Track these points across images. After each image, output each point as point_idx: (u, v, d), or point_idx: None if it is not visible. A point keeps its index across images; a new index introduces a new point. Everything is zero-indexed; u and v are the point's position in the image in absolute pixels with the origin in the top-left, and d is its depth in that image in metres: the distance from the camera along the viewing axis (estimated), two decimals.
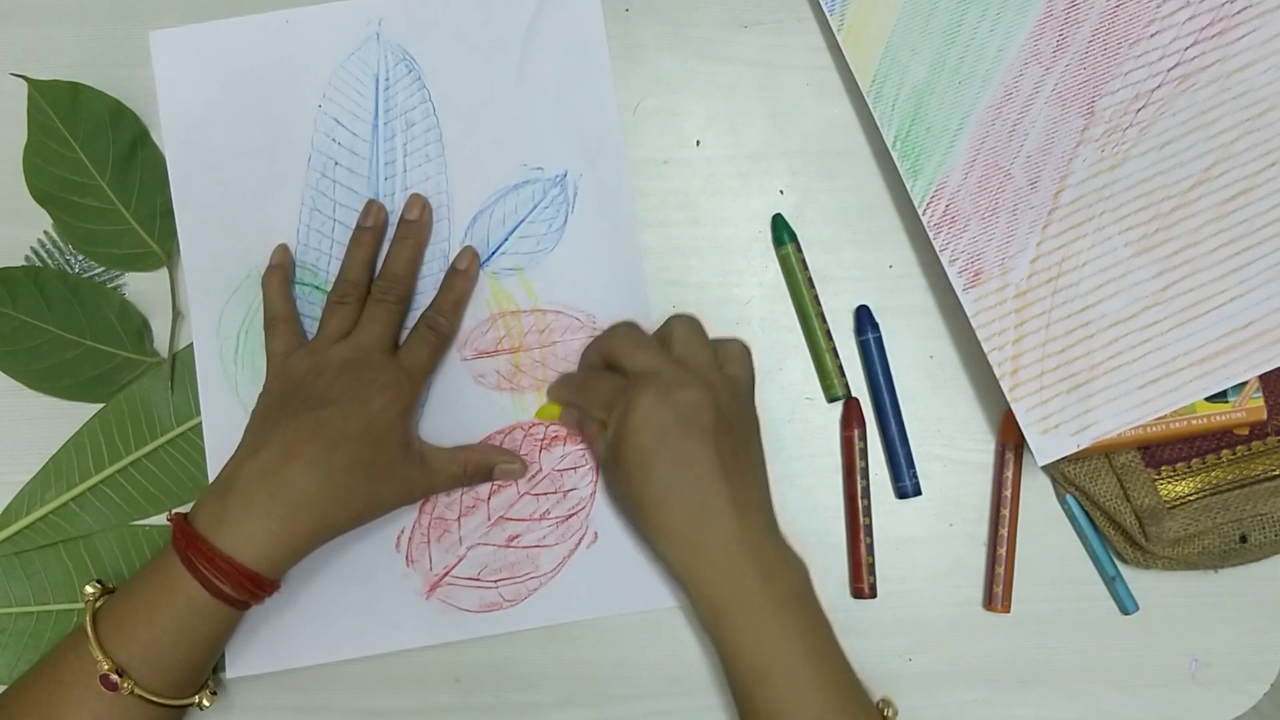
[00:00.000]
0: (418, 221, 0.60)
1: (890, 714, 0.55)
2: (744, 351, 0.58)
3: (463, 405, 0.61)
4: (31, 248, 0.61)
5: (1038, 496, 0.61)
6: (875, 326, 0.61)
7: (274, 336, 0.58)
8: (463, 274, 0.60)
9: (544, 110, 0.61)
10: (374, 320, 0.58)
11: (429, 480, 0.58)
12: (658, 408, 0.53)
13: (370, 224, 0.60)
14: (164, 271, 0.61)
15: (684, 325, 0.57)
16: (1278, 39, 0.56)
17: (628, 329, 0.58)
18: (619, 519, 0.60)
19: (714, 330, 0.61)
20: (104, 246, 0.60)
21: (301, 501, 0.53)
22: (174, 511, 0.54)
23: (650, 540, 0.55)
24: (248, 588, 0.52)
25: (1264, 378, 0.58)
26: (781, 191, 0.62)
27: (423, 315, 0.59)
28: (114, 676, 0.51)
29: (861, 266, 0.62)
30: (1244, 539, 0.58)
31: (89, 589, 0.54)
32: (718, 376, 0.55)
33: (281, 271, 0.60)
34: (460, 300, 0.60)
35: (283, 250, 0.60)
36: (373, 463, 0.55)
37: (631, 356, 0.56)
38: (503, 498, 0.60)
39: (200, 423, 0.60)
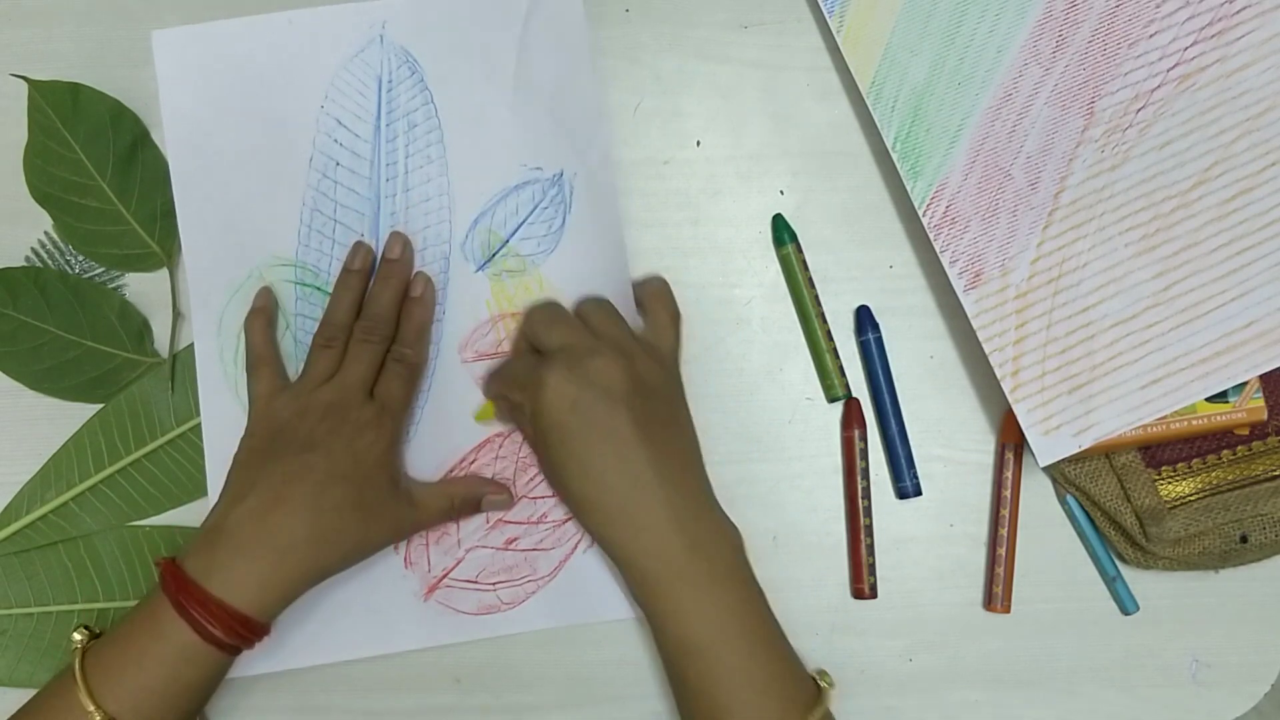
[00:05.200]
0: (399, 260, 0.59)
1: (826, 683, 0.53)
2: (671, 318, 0.58)
3: (464, 408, 0.60)
4: (32, 248, 0.61)
5: (1038, 497, 0.61)
6: (875, 327, 0.61)
7: (257, 380, 0.58)
8: (418, 301, 0.59)
9: (540, 110, 0.61)
10: (357, 361, 0.57)
11: (417, 517, 0.57)
12: (567, 379, 0.52)
13: (357, 267, 0.59)
14: (164, 272, 0.61)
15: (593, 301, 0.57)
16: (1277, 39, 0.56)
17: (543, 307, 0.58)
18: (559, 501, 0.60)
19: (715, 331, 0.62)
20: (104, 247, 0.60)
21: (291, 545, 0.53)
22: (162, 557, 0.54)
23: (577, 515, 0.55)
24: (240, 632, 0.52)
25: (1264, 378, 0.58)
26: (782, 192, 0.62)
27: (390, 350, 0.58)
28: None
29: (862, 267, 0.62)
30: (1244, 539, 0.58)
31: (76, 635, 0.53)
32: (632, 344, 0.55)
33: (264, 315, 0.59)
34: (422, 328, 0.59)
35: (265, 293, 0.60)
36: (360, 502, 0.55)
37: (547, 334, 0.56)
38: None
39: (200, 423, 0.60)
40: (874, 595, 0.60)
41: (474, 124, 0.61)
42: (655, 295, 0.59)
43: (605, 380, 0.53)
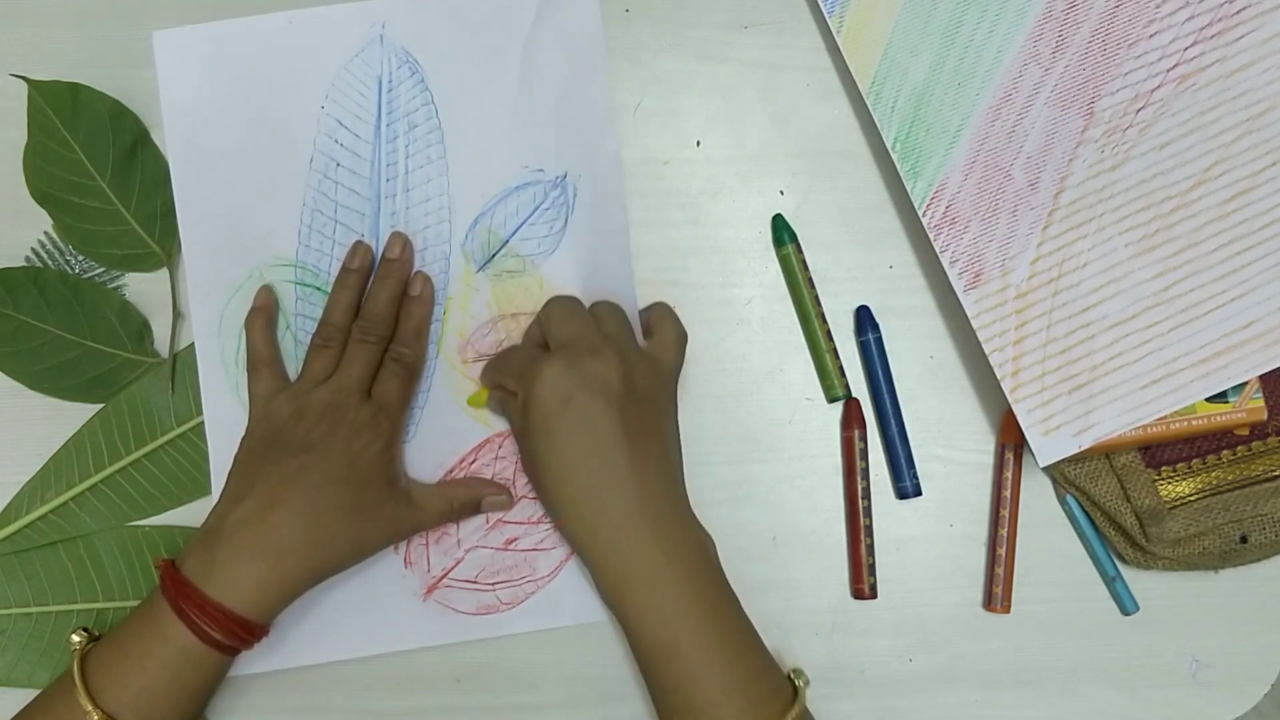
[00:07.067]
0: (398, 259, 0.59)
1: (801, 683, 0.54)
2: (676, 337, 0.58)
3: (464, 408, 0.60)
4: (31, 248, 0.61)
5: (1038, 497, 0.61)
6: (875, 327, 0.61)
7: (257, 380, 0.58)
8: (418, 300, 0.59)
9: (544, 112, 0.61)
10: (354, 361, 0.57)
11: (415, 518, 0.57)
12: (565, 374, 0.53)
13: (356, 266, 0.59)
14: (164, 272, 0.61)
15: (606, 305, 0.57)
16: (1277, 39, 0.56)
17: (561, 302, 0.57)
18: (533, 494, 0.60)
19: (715, 331, 0.62)
20: (104, 247, 0.60)
21: (289, 547, 0.53)
22: (162, 559, 0.54)
23: (553, 512, 0.55)
24: (238, 634, 0.52)
25: (1264, 378, 0.58)
26: (781, 192, 0.62)
27: (388, 349, 0.58)
28: None
29: (862, 267, 0.62)
30: (1244, 539, 0.58)
31: (75, 637, 0.54)
32: (635, 350, 0.55)
33: (265, 314, 0.59)
34: (420, 327, 0.59)
35: (265, 292, 0.60)
36: (358, 504, 0.55)
37: (559, 325, 0.56)
38: None
39: (200, 423, 0.60)
40: (874, 595, 0.60)
41: (474, 125, 0.61)
42: (663, 315, 0.59)
43: (601, 381, 0.53)
